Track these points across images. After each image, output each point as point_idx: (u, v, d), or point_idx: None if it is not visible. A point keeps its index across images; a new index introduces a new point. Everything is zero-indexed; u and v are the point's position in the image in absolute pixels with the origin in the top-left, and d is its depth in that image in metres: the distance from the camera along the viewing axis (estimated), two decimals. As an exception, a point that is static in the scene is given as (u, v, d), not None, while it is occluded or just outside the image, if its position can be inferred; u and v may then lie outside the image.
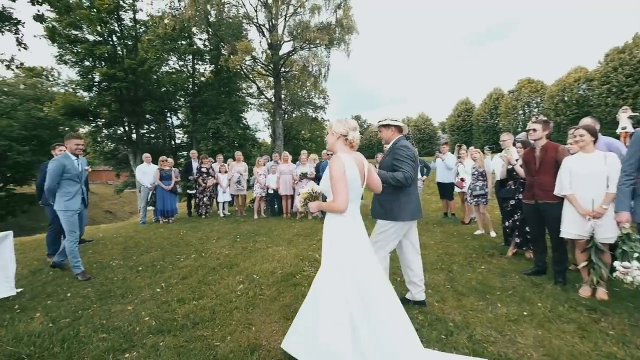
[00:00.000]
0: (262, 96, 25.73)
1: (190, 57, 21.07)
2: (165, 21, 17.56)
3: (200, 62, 22.06)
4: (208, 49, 21.21)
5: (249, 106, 27.41)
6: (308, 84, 23.51)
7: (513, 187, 4.32)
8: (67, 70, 19.78)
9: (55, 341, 2.47)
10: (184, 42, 20.04)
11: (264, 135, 35.84)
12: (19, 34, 7.12)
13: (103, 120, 19.46)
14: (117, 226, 7.86)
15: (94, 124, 19.98)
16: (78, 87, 18.47)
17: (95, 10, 16.40)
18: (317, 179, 7.46)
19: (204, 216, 7.87)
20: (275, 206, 8.21)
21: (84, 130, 22.19)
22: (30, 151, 19.11)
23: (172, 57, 21.12)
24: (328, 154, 7.10)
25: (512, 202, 4.32)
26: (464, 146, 7.20)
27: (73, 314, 2.96)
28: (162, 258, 4.62)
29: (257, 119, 71.54)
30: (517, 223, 4.27)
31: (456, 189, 6.85)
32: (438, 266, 4.00)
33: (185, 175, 8.20)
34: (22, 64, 7.72)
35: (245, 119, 25.44)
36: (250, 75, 22.75)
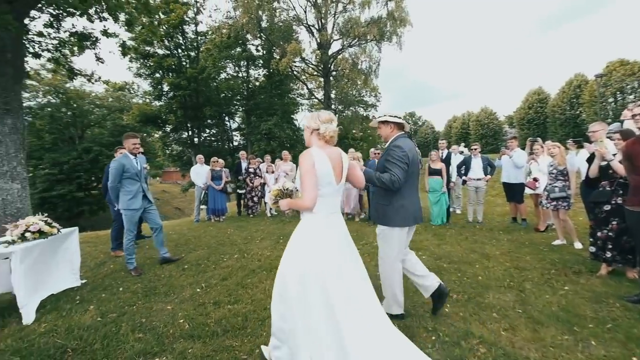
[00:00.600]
0: (313, 97, 25.99)
1: (245, 62, 22.18)
2: (223, 31, 18.73)
3: (253, 67, 23.12)
4: (261, 53, 22.10)
5: (300, 107, 27.92)
6: (358, 82, 23.09)
7: (608, 188, 3.44)
8: (142, 83, 22.34)
9: (98, 337, 2.55)
10: (238, 49, 21.17)
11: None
12: (96, 50, 8.03)
13: (170, 126, 21.59)
14: (174, 223, 8.44)
15: (163, 130, 22.24)
16: (150, 97, 20.74)
17: (160, 24, 18.14)
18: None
19: (251, 216, 8.03)
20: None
21: (156, 135, 24.92)
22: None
23: (229, 64, 22.46)
24: (375, 153, 6.66)
25: (607, 207, 3.44)
26: (540, 140, 6.15)
27: (120, 309, 3.07)
28: (207, 257, 4.71)
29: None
30: (610, 234, 3.39)
31: (527, 190, 5.88)
32: (505, 283, 3.35)
33: (235, 175, 8.47)
34: (99, 77, 8.78)
35: (296, 120, 25.97)
36: (302, 77, 23.11)
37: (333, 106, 28.13)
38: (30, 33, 7.25)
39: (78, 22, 7.38)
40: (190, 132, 21.89)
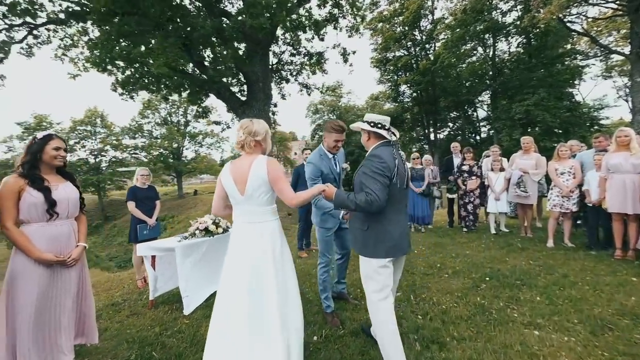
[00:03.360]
0: (609, 53, 17.01)
1: (489, 36, 18.17)
2: (460, 5, 16.26)
3: (501, 38, 18.48)
4: (510, 19, 17.23)
5: (584, 75, 19.28)
6: None
7: None
8: (383, 88, 24.23)
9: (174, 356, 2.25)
10: (479, 26, 17.54)
11: (618, 112, 24.21)
12: (322, 64, 9.12)
13: (407, 125, 21.90)
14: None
15: (400, 128, 23.06)
16: (389, 99, 22.10)
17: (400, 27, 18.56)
18: None
19: (465, 230, 5.89)
20: (595, 231, 4.47)
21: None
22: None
23: (468, 45, 19.33)
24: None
25: None
26: None
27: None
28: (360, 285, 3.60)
29: (603, 91, 48.61)
30: None
31: None
32: None
33: (445, 175, 6.62)
34: (323, 85, 10.19)
35: (574, 94, 18.21)
36: (588, 29, 15.70)
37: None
38: (281, 63, 9.30)
39: (312, 44, 8.87)
40: (426, 131, 21.13)
